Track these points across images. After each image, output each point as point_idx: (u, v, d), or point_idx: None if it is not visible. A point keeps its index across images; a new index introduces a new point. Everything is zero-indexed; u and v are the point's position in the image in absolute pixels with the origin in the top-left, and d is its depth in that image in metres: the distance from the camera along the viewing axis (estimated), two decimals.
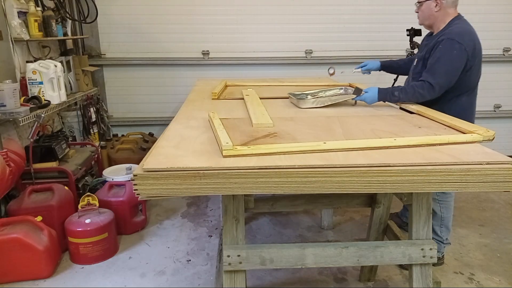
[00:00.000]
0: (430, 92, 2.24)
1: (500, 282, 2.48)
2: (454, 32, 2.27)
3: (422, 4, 2.43)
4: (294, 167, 1.33)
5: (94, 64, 3.98)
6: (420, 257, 1.70)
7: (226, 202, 1.66)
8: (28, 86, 2.92)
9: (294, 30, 4.18)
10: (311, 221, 3.26)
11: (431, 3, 2.38)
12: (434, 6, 2.37)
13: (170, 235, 3.04)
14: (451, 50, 2.21)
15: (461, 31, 2.28)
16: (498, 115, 4.57)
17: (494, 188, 1.37)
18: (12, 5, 2.86)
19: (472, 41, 2.27)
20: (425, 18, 2.46)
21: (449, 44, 2.22)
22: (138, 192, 1.30)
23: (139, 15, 4.03)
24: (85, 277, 2.52)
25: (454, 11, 2.41)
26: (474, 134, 1.65)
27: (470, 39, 2.26)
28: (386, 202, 2.20)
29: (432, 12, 2.40)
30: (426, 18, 2.45)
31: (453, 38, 2.23)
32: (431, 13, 2.40)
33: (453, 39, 2.22)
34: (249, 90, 2.76)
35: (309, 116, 2.09)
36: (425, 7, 2.42)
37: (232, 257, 1.64)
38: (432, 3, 2.38)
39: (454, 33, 2.26)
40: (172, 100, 4.18)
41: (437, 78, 2.22)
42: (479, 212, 3.44)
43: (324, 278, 2.50)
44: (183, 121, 1.97)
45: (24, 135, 3.03)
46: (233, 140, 1.51)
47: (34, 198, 2.67)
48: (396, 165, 1.36)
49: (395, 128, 1.82)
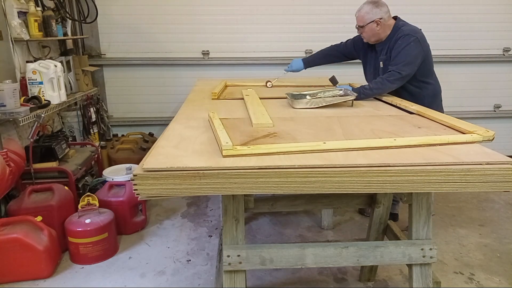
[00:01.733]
0: (398, 80, 2.55)
1: (500, 282, 2.48)
2: (407, 29, 2.62)
3: (364, 27, 2.68)
4: (294, 167, 1.33)
5: (94, 64, 3.98)
6: (420, 257, 1.70)
7: (226, 202, 1.66)
8: (28, 86, 2.92)
9: (294, 30, 4.18)
10: (311, 221, 3.26)
11: (372, 24, 2.65)
12: (376, 26, 2.66)
13: (170, 235, 3.04)
14: (408, 42, 2.55)
15: (411, 28, 2.65)
16: (498, 115, 4.57)
17: (494, 188, 1.37)
18: (12, 5, 2.86)
19: (421, 34, 2.63)
20: (370, 37, 2.73)
21: (406, 38, 2.56)
22: (138, 192, 1.29)
23: (139, 15, 4.04)
24: (85, 277, 2.52)
25: (392, 19, 2.71)
26: (474, 134, 1.65)
27: (420, 33, 2.63)
28: (386, 202, 2.20)
29: (375, 31, 2.68)
30: (371, 36, 2.72)
31: (408, 33, 2.58)
32: (374, 32, 2.69)
33: (407, 34, 2.57)
34: (249, 90, 2.76)
35: (309, 116, 2.09)
36: (367, 29, 2.69)
37: (232, 257, 1.64)
38: (373, 25, 2.65)
39: (407, 30, 2.61)
40: (172, 100, 4.18)
41: (402, 67, 2.54)
42: (479, 212, 3.45)
43: (324, 278, 2.50)
44: (183, 121, 1.97)
45: (24, 135, 3.03)
46: (233, 140, 1.50)
47: (34, 198, 2.67)
48: (396, 165, 1.36)
49: (395, 128, 1.82)
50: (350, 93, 2.42)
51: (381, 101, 2.56)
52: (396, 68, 2.54)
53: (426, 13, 4.17)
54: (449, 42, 4.29)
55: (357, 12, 2.71)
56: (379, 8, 2.63)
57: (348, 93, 2.44)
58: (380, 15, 2.62)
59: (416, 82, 2.68)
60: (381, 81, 2.56)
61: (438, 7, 4.19)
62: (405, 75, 2.55)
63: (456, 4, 4.21)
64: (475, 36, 4.31)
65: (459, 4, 4.22)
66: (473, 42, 4.32)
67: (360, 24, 2.70)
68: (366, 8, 2.65)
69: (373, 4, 2.64)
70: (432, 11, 4.20)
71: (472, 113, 4.43)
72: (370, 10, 2.63)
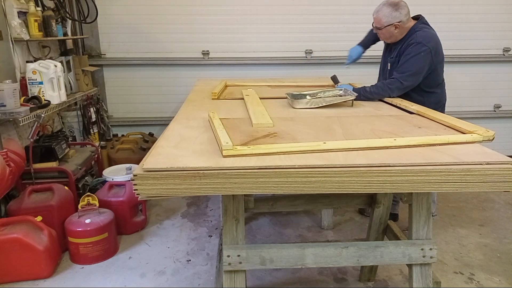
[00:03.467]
0: (398, 89, 2.51)
1: (500, 282, 2.48)
2: (420, 36, 2.51)
3: (382, 29, 2.61)
4: (294, 167, 1.33)
5: (94, 64, 3.98)
6: (420, 257, 1.70)
7: (226, 202, 1.66)
8: (28, 86, 2.92)
9: (294, 30, 4.18)
10: (311, 221, 3.26)
11: (390, 27, 2.57)
12: (394, 29, 2.58)
13: (170, 235, 3.04)
14: (418, 52, 2.47)
15: (426, 35, 2.53)
16: (498, 115, 4.57)
17: (494, 188, 1.37)
18: (12, 5, 2.86)
19: (435, 43, 2.54)
20: (387, 38, 2.68)
21: (417, 47, 2.48)
22: (138, 192, 1.29)
23: (139, 15, 4.03)
24: (85, 277, 2.52)
25: (411, 21, 2.62)
26: (474, 134, 1.65)
27: (434, 42, 2.53)
28: (386, 202, 2.20)
29: (393, 33, 2.61)
30: (388, 38, 2.67)
31: (420, 41, 2.49)
32: (392, 34, 2.62)
33: (420, 42, 2.48)
34: (249, 90, 2.76)
35: (309, 116, 2.09)
36: (385, 31, 2.61)
37: (232, 257, 1.64)
38: (391, 28, 2.57)
39: (420, 37, 2.51)
40: (172, 100, 4.18)
41: (405, 77, 2.49)
42: (479, 212, 3.44)
43: (324, 278, 2.50)
44: (183, 121, 1.97)
45: (24, 135, 3.03)
46: (233, 140, 1.51)
47: (34, 198, 2.67)
48: (396, 165, 1.36)
49: (395, 128, 1.82)
50: (350, 93, 2.42)
51: (381, 101, 2.56)
52: (400, 77, 2.50)
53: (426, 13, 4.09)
54: (449, 42, 4.27)
55: (375, 13, 2.61)
56: (398, 11, 2.53)
57: (348, 93, 2.44)
58: (400, 19, 2.53)
59: (420, 91, 2.62)
60: (382, 87, 2.53)
61: (438, 7, 4.19)
62: (406, 86, 2.51)
63: (456, 4, 4.21)
64: (475, 36, 4.31)
65: (459, 4, 4.22)
66: (473, 42, 4.32)
67: (377, 26, 2.62)
68: (385, 11, 2.54)
69: (392, 7, 2.53)
70: (432, 11, 4.18)
71: (472, 113, 4.43)
72: (389, 13, 2.53)
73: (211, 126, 1.79)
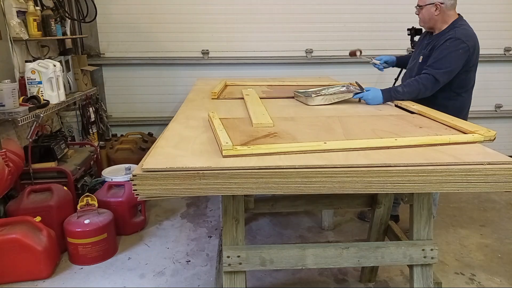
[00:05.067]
0: (433, 85, 2.38)
1: (501, 283, 2.47)
2: (460, 33, 2.41)
3: (423, 8, 2.55)
4: (294, 167, 1.32)
5: (93, 63, 3.97)
6: (421, 257, 1.69)
7: (226, 203, 1.65)
8: (27, 86, 2.91)
9: (294, 30, 4.17)
10: (312, 221, 3.25)
11: (431, 7, 2.50)
12: (434, 10, 2.50)
13: (169, 236, 3.03)
14: (457, 49, 2.36)
15: (466, 33, 2.43)
16: (499, 115, 4.56)
17: (495, 189, 1.36)
18: (11, 5, 2.86)
19: (474, 42, 2.44)
20: (426, 21, 2.58)
21: (456, 43, 2.37)
22: (137, 193, 1.29)
23: (138, 15, 4.03)
24: (84, 277, 2.51)
25: (454, 13, 2.54)
26: (475, 134, 1.64)
27: (473, 41, 2.43)
28: (387, 203, 2.19)
29: (432, 15, 2.52)
30: (427, 21, 2.57)
31: (460, 38, 2.38)
32: (432, 17, 2.53)
33: (459, 38, 2.38)
34: (249, 90, 2.75)
35: (309, 116, 2.08)
36: (425, 11, 2.54)
37: (232, 258, 1.63)
38: (432, 8, 2.50)
39: (460, 34, 2.41)
40: (171, 99, 4.17)
41: (441, 74, 2.37)
42: (480, 212, 3.44)
43: (324, 279, 2.49)
44: (183, 121, 1.96)
45: (23, 135, 3.02)
46: (233, 140, 1.49)
47: (33, 198, 2.66)
48: (397, 165, 1.35)
49: (396, 128, 1.81)
50: (353, 88, 2.47)
51: None
52: (436, 74, 2.36)
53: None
54: None
55: None
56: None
57: (351, 89, 2.48)
58: (443, 0, 2.44)
59: (449, 92, 2.48)
60: (415, 86, 2.37)
61: None
62: (440, 84, 2.39)
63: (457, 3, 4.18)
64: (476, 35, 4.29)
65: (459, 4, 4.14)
66: None
67: (419, 4, 2.55)
68: None
69: None
70: None
71: (473, 113, 4.38)
72: None
73: (211, 126, 1.78)
